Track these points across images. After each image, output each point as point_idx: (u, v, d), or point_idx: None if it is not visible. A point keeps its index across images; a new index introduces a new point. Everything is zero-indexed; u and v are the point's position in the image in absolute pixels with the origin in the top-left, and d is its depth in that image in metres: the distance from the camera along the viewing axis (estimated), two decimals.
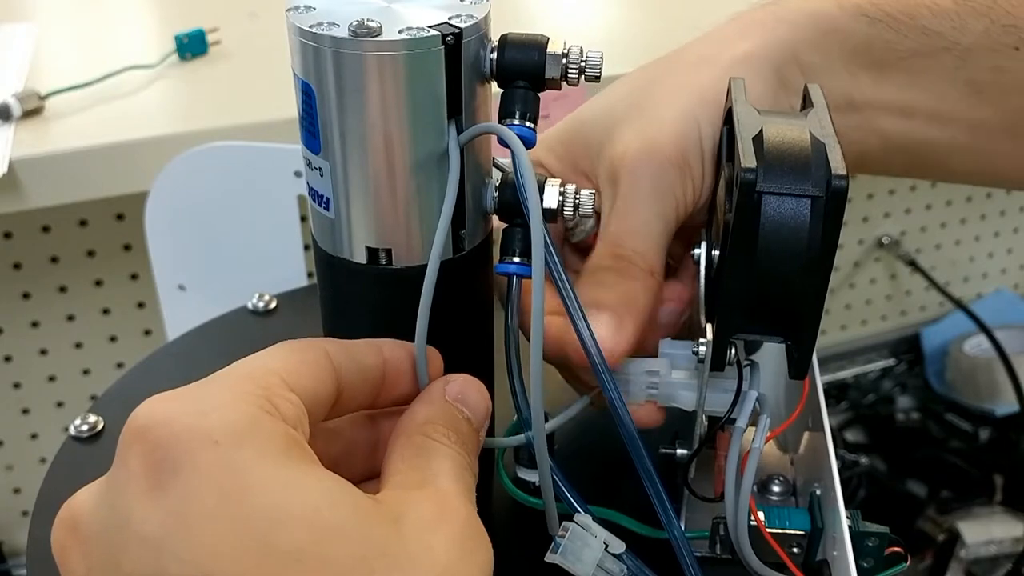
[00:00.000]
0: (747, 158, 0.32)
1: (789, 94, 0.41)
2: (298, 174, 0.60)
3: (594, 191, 0.37)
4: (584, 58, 0.35)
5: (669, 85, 0.41)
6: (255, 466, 0.25)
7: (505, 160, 0.37)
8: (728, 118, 0.37)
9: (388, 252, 0.37)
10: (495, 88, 0.36)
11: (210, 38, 0.82)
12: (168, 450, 0.25)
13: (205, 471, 0.25)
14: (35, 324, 0.93)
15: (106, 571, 0.26)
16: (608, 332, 0.37)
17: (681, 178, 0.40)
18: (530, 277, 0.36)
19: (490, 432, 0.46)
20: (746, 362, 0.37)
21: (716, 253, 0.37)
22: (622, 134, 0.41)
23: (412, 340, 0.36)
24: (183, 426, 0.26)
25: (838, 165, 0.32)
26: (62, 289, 0.92)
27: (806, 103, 0.37)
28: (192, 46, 0.81)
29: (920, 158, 0.45)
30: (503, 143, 0.35)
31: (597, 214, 0.41)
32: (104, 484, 0.27)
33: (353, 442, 0.34)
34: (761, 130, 0.33)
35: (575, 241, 0.45)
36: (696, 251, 0.41)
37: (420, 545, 0.26)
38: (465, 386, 0.34)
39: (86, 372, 0.97)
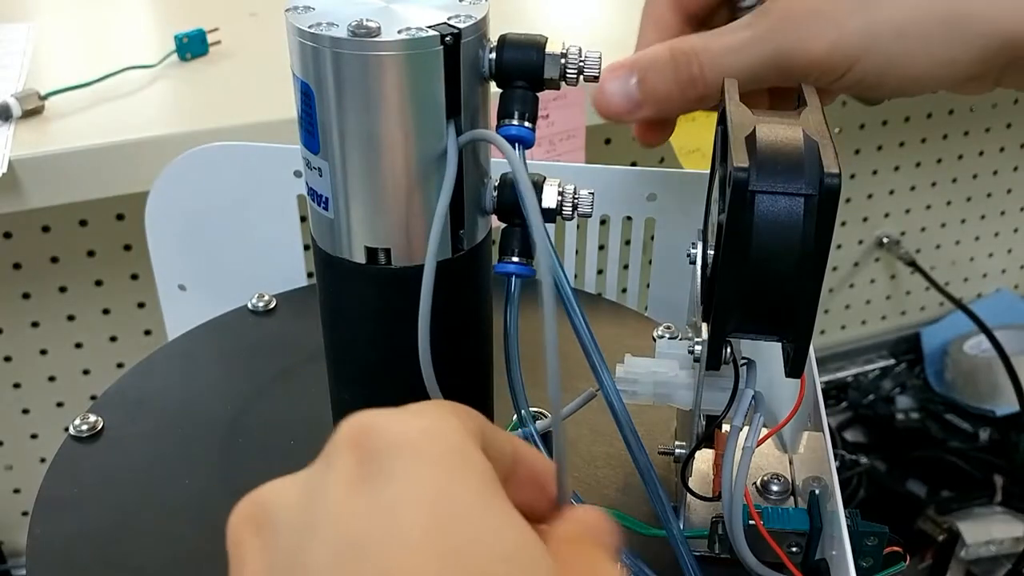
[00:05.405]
0: (739, 157, 0.32)
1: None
2: (298, 174, 0.60)
3: (592, 191, 0.38)
4: (583, 58, 0.35)
5: None
6: (468, 494, 0.25)
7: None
8: (721, 118, 0.37)
9: (387, 252, 0.37)
10: (494, 88, 0.36)
11: (210, 38, 0.82)
12: (385, 460, 0.24)
13: (420, 487, 0.24)
14: (35, 324, 0.93)
15: (290, 570, 0.24)
16: None
17: None
18: (529, 277, 0.36)
19: None
20: (743, 361, 0.37)
21: (711, 253, 0.37)
22: None
23: (412, 339, 0.36)
24: (404, 439, 0.25)
25: (831, 163, 0.32)
26: (62, 289, 0.92)
27: (800, 102, 0.37)
28: (192, 46, 0.81)
29: None
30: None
31: None
32: (304, 480, 0.26)
33: None
34: (754, 129, 0.33)
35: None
36: (692, 250, 0.41)
37: None
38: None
39: (86, 372, 0.97)
